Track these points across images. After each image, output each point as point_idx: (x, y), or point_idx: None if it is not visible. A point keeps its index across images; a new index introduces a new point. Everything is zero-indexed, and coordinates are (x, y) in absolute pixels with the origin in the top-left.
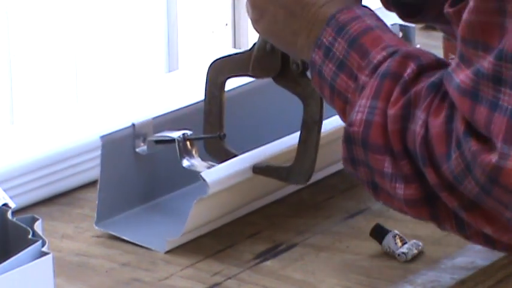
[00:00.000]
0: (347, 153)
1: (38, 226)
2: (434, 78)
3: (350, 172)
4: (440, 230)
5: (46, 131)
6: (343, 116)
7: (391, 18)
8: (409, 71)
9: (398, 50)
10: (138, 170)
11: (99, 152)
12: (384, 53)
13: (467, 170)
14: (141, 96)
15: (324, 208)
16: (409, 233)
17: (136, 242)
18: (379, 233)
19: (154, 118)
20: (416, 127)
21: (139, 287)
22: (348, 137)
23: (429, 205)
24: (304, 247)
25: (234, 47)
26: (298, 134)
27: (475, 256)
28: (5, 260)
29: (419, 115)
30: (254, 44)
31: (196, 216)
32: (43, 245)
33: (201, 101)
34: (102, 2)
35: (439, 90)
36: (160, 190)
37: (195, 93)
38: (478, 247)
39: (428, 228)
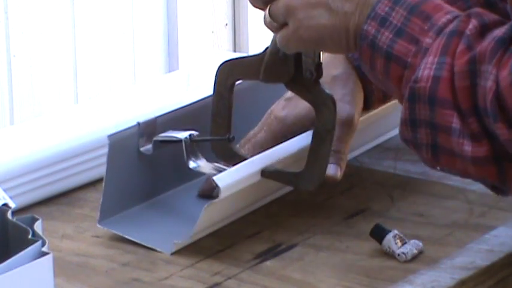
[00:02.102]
0: (408, 113)
1: (38, 226)
2: (502, 33)
3: (406, 138)
4: (502, 194)
5: (46, 131)
6: (399, 83)
7: None
8: (471, 26)
9: (462, 13)
10: (141, 168)
11: (99, 152)
12: (449, 16)
13: None
14: (141, 96)
15: (324, 208)
16: (409, 233)
17: (140, 242)
18: (379, 233)
19: (158, 117)
20: (488, 82)
21: (139, 287)
22: (413, 94)
23: (497, 164)
24: (304, 247)
25: (234, 47)
26: (305, 135)
27: (475, 256)
28: (5, 260)
29: (490, 70)
30: (266, 48)
31: (205, 219)
32: (43, 245)
33: (203, 98)
34: (102, 2)
35: (508, 46)
36: (163, 188)
37: (195, 93)
38: (478, 247)
39: (429, 228)
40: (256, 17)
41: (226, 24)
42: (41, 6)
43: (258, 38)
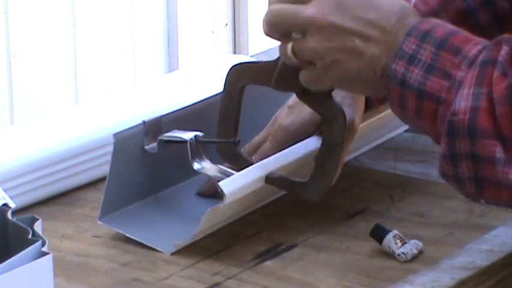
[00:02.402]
0: (448, 148)
1: (38, 226)
2: None
3: (446, 173)
4: None
5: (46, 131)
6: (434, 121)
7: None
8: (503, 53)
9: (490, 42)
10: (145, 166)
11: (99, 152)
12: (479, 47)
13: None
14: (141, 96)
15: (324, 208)
16: (409, 233)
17: (140, 241)
18: (379, 233)
19: (163, 116)
20: None
21: (139, 287)
22: (451, 129)
23: None
24: (304, 247)
25: (234, 47)
26: (308, 141)
27: (475, 256)
28: (5, 260)
29: None
30: (280, 56)
31: (207, 221)
32: (43, 245)
33: (210, 97)
34: (102, 2)
35: None
36: (165, 186)
37: (196, 93)
38: (478, 247)
39: (429, 228)
40: (256, 17)
41: (226, 24)
42: (41, 6)
43: (258, 38)
